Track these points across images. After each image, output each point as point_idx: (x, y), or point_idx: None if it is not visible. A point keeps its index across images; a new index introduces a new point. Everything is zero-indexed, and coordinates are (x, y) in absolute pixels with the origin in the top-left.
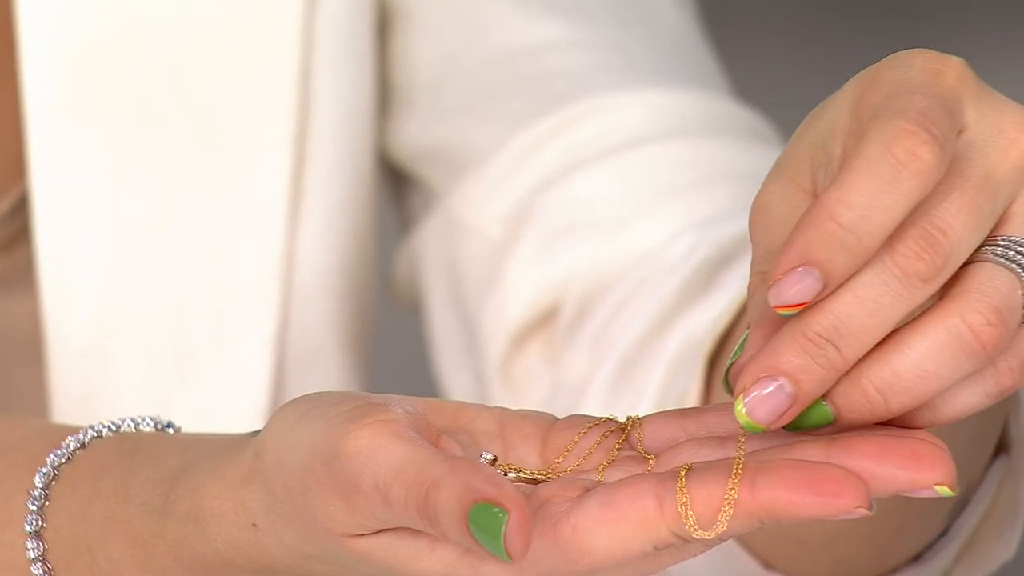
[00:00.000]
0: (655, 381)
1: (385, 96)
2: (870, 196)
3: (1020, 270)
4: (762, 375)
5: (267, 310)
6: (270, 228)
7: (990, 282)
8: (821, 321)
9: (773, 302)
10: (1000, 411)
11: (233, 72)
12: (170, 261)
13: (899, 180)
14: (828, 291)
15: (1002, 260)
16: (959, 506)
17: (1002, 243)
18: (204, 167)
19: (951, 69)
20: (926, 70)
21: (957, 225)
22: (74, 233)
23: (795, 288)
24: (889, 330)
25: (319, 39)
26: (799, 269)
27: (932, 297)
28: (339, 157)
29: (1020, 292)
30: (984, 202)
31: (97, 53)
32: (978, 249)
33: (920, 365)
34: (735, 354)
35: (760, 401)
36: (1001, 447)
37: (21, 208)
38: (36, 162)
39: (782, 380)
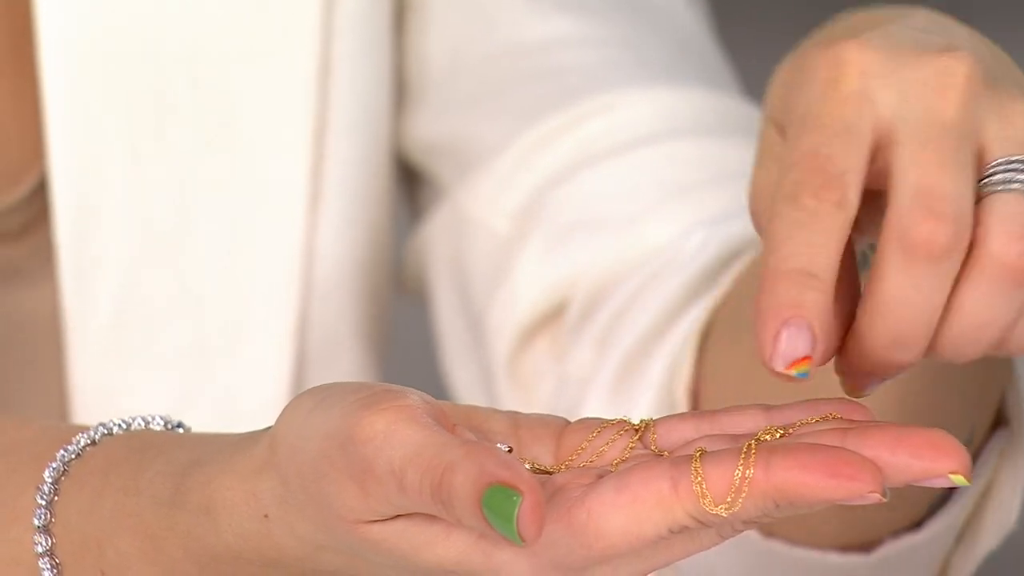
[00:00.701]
0: (655, 380)
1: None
2: (802, 244)
3: (1019, 186)
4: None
5: (287, 304)
6: (289, 223)
7: (1004, 210)
8: (884, 336)
9: (780, 368)
10: (991, 374)
11: (251, 66)
12: (189, 256)
13: (817, 221)
14: (821, 334)
15: (1003, 187)
16: None
17: (991, 169)
18: (222, 161)
19: (850, 66)
20: (824, 81)
21: (947, 182)
22: (93, 227)
23: (791, 347)
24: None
25: (338, 32)
26: (783, 331)
27: None
28: (357, 152)
29: None
30: (955, 149)
31: (113, 46)
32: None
33: (977, 320)
34: None
35: None
36: (1000, 421)
37: (38, 194)
38: (55, 153)
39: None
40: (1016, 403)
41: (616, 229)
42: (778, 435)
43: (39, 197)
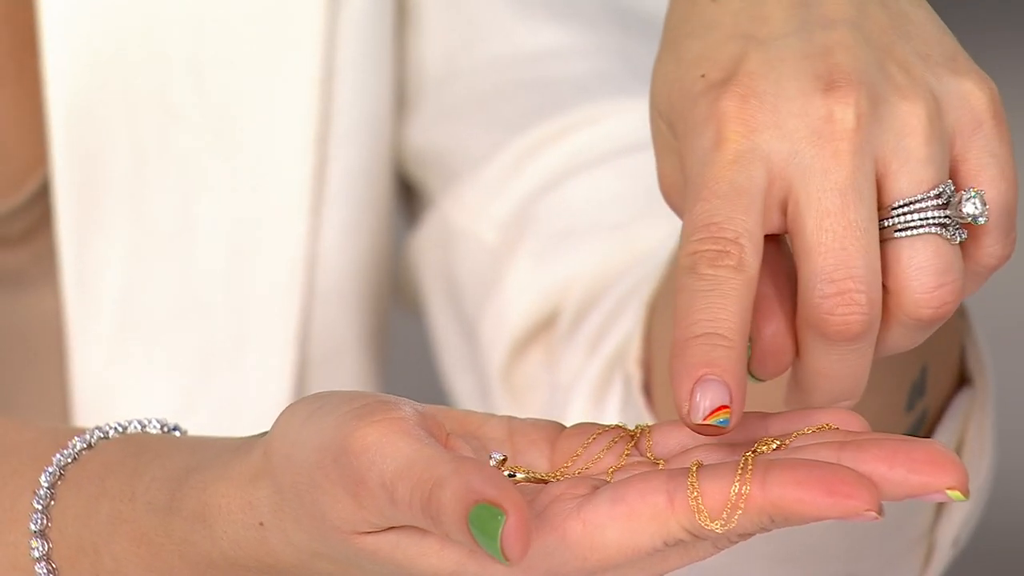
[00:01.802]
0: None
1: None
2: (705, 311)
3: (930, 229)
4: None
5: (289, 310)
6: (292, 229)
7: (915, 260)
8: (820, 400)
9: (698, 420)
10: None
11: (255, 71)
12: (191, 261)
13: (718, 288)
14: (734, 388)
15: (907, 233)
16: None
17: (892, 212)
18: (225, 166)
19: (734, 123)
20: (711, 140)
21: (854, 256)
22: (95, 232)
23: (705, 401)
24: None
25: (342, 40)
26: (696, 387)
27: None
28: (360, 158)
29: (944, 246)
30: (855, 211)
31: (117, 51)
32: (882, 228)
33: (899, 350)
34: None
35: None
36: (964, 380)
37: (40, 199)
38: (58, 158)
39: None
40: (977, 364)
41: (605, 236)
42: (774, 446)
43: (41, 202)
